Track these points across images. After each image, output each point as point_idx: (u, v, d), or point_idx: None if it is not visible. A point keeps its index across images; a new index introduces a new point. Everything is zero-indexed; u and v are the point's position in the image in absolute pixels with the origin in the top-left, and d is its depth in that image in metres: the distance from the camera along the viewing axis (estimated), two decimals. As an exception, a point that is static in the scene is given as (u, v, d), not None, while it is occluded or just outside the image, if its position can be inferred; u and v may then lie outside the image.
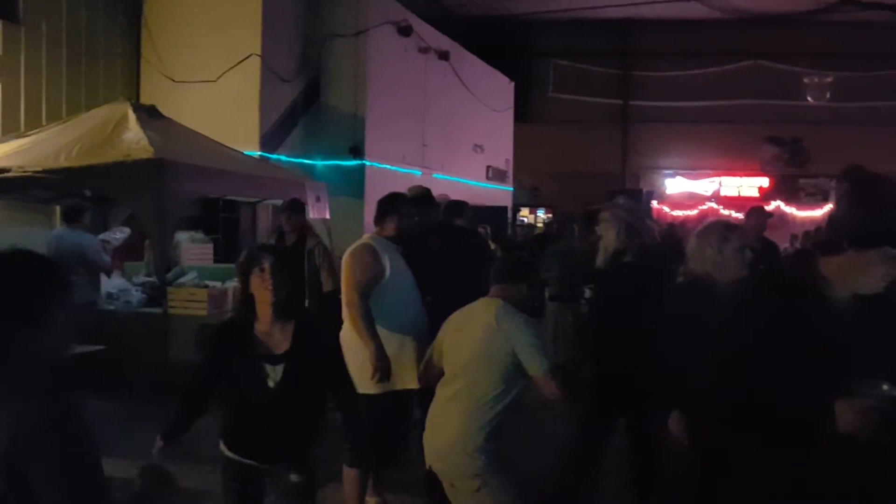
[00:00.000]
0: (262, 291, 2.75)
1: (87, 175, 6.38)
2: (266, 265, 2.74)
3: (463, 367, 3.11)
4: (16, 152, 6.81)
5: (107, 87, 10.26)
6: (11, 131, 8.11)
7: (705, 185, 21.41)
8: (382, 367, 3.79)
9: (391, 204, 4.13)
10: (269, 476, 2.87)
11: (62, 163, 6.44)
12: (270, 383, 2.70)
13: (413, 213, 4.19)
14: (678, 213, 19.62)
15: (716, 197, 20.93)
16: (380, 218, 4.11)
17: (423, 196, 4.88)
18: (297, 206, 6.40)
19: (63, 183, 6.63)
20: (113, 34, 10.57)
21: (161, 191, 6.13)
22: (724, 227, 3.19)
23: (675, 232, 11.06)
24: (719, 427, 2.58)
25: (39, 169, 6.41)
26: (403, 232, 4.10)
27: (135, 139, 6.63)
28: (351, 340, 3.92)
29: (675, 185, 21.73)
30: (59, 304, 1.62)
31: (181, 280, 7.27)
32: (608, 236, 4.07)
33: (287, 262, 2.91)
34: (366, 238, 4.10)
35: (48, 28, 9.58)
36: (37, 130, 7.44)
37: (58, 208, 8.35)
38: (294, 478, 2.83)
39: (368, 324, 3.86)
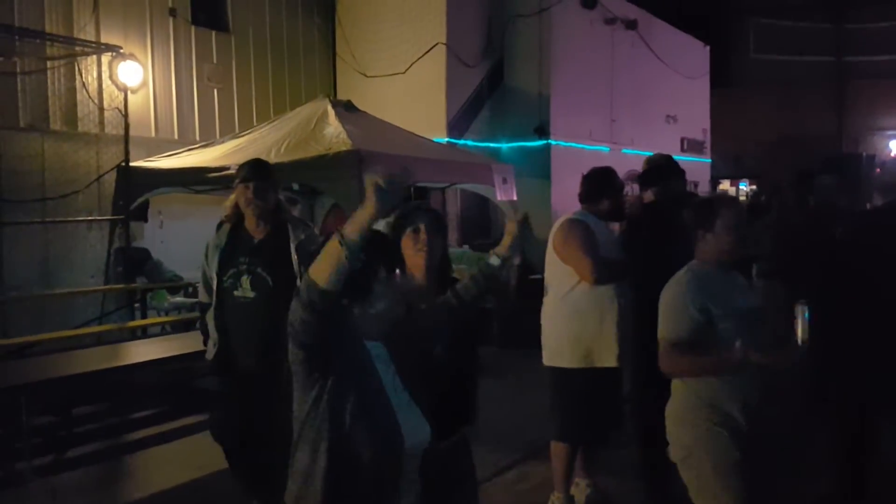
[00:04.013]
0: (415, 255, 2.55)
1: (294, 169, 6.83)
2: (421, 226, 2.55)
3: None
4: (233, 151, 7.46)
5: (308, 85, 10.99)
6: (228, 132, 8.90)
7: (940, 145, 18.89)
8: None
9: (608, 181, 3.99)
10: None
11: (272, 159, 6.93)
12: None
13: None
14: (907, 177, 17.44)
15: (953, 157, 18.36)
16: (594, 194, 3.97)
17: (664, 166, 4.47)
18: (263, 173, 3.64)
19: (274, 177, 7.15)
20: (310, 36, 11.29)
21: (360, 180, 6.42)
22: None
23: None
24: None
25: (253, 166, 6.97)
26: (617, 210, 3.99)
27: (335, 133, 7.02)
28: (555, 313, 3.90)
29: (902, 146, 19.36)
30: (386, 275, 1.88)
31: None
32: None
33: (441, 223, 2.68)
34: (578, 213, 3.96)
35: (254, 35, 10.42)
36: (249, 130, 8.10)
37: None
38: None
39: (617, 270, 3.80)
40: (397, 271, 1.97)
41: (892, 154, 19.23)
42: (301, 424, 1.85)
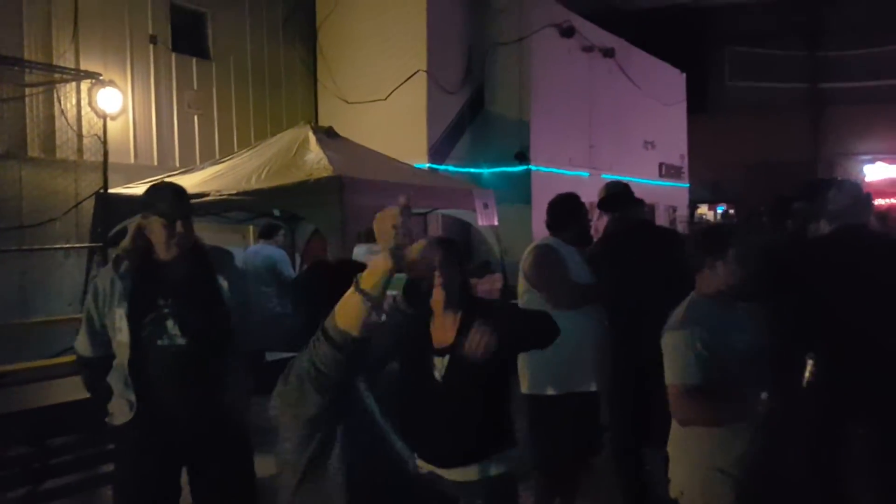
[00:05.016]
0: (433, 289, 2.56)
1: (275, 195, 6.81)
2: (436, 260, 2.51)
3: None
4: (213, 178, 7.42)
5: (289, 112, 11.02)
6: (208, 159, 8.87)
7: (911, 170, 19.26)
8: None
9: (570, 207, 4.00)
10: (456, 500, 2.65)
11: (253, 185, 6.93)
12: (437, 375, 2.57)
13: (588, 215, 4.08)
14: (880, 201, 17.71)
15: (924, 182, 18.75)
16: (560, 221, 3.99)
17: (621, 193, 4.46)
18: (187, 207, 2.93)
19: (255, 203, 7.13)
20: (292, 63, 11.34)
21: (341, 206, 6.42)
22: None
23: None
24: None
25: (234, 192, 6.94)
26: (584, 235, 3.99)
27: (316, 159, 7.01)
28: None
29: (875, 171, 19.72)
30: None
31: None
32: None
33: (458, 253, 2.66)
34: (546, 239, 3.98)
35: (235, 62, 10.46)
36: (230, 157, 8.06)
37: (251, 227, 9.03)
38: None
39: (588, 294, 3.79)
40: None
41: (864, 178, 19.58)
42: (305, 463, 1.83)
